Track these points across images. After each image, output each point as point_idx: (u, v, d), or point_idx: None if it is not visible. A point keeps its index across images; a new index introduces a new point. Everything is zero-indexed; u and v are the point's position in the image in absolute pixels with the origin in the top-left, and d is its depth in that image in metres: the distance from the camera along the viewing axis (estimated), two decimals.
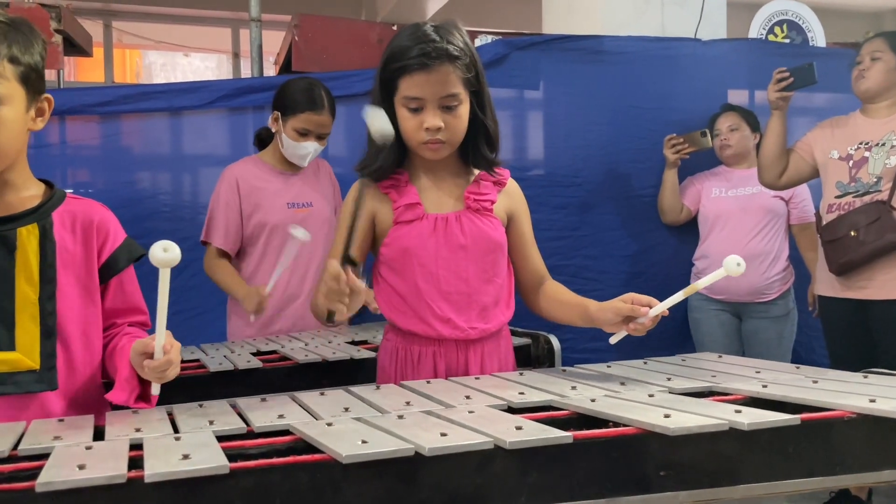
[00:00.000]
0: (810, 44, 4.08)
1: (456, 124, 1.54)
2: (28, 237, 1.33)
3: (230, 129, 3.19)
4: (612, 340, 1.54)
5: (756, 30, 4.07)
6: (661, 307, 1.47)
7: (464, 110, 1.54)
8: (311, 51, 3.33)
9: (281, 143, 2.59)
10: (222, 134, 3.20)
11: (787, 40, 4.06)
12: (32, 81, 1.32)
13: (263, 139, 2.76)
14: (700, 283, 1.52)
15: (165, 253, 1.13)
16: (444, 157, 1.58)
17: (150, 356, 1.23)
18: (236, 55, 5.37)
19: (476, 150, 1.61)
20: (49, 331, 1.32)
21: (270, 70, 4.86)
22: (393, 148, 1.55)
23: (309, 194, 2.64)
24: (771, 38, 4.07)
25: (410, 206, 1.58)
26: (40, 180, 1.42)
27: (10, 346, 1.29)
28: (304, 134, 2.53)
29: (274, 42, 4.15)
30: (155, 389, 1.29)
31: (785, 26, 4.10)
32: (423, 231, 1.58)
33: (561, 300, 1.66)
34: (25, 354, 1.31)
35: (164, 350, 1.23)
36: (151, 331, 1.35)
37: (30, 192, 1.38)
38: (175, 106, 3.07)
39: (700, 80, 3.37)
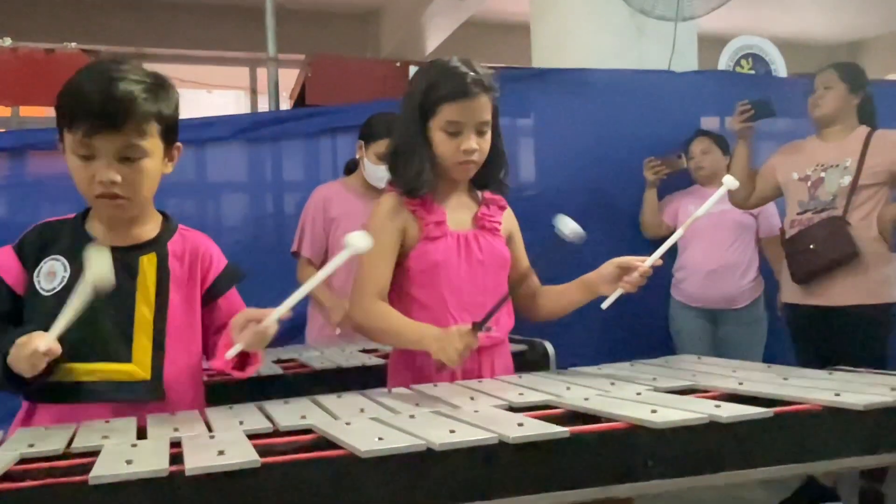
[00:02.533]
0: (773, 74, 4.12)
1: (485, 147, 1.58)
2: (147, 265, 1.37)
3: (249, 159, 3.21)
4: (605, 305, 1.55)
5: (724, 62, 4.11)
6: (656, 255, 1.52)
7: (490, 135, 1.58)
8: (323, 86, 3.37)
9: (363, 167, 2.65)
10: (242, 164, 3.22)
11: (753, 71, 4.10)
12: (169, 133, 1.37)
13: (350, 168, 2.84)
14: (698, 213, 1.57)
15: (365, 241, 1.26)
16: (470, 177, 1.61)
17: (257, 321, 1.25)
18: (254, 91, 5.42)
19: (490, 173, 1.64)
20: (160, 345, 1.35)
21: (285, 104, 4.89)
22: (431, 169, 1.57)
23: None
24: (738, 69, 4.11)
25: (438, 224, 1.60)
26: (159, 212, 1.45)
27: (128, 358, 1.32)
28: (383, 159, 2.57)
29: (289, 78, 4.18)
30: (231, 352, 1.29)
31: (750, 59, 4.15)
32: (449, 247, 1.59)
33: (559, 290, 1.71)
34: (139, 366, 1.33)
35: (279, 319, 1.25)
36: None
37: (150, 225, 1.42)
38: (199, 138, 3.09)
39: (675, 108, 3.40)
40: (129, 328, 1.34)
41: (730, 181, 1.63)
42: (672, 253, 3.28)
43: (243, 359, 1.34)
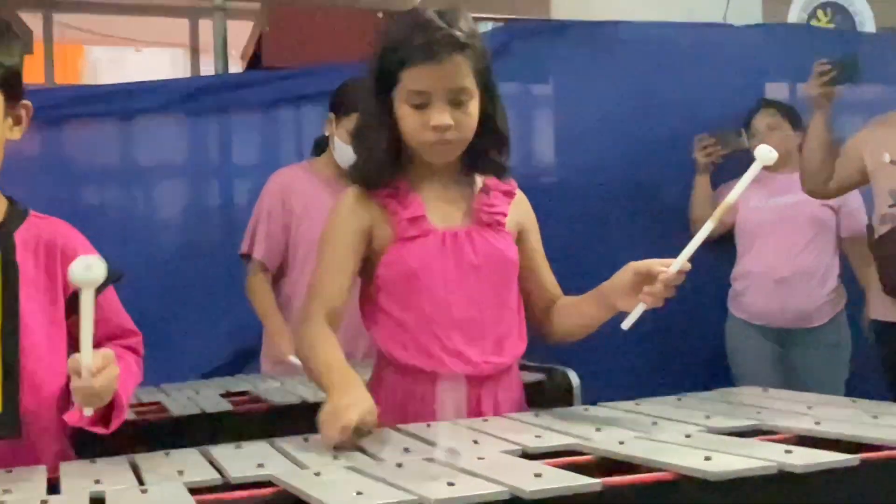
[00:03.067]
0: (858, 28, 4.14)
1: (466, 122, 1.56)
2: None
3: (189, 135, 3.21)
4: (626, 324, 1.53)
5: (796, 14, 4.13)
6: (683, 257, 1.49)
7: (474, 106, 1.57)
8: (284, 43, 3.37)
9: (333, 147, 2.66)
10: (180, 141, 3.22)
11: (832, 25, 4.12)
12: (12, 86, 1.35)
13: (321, 147, 2.83)
14: (729, 199, 1.53)
15: (88, 271, 1.13)
16: (451, 159, 1.60)
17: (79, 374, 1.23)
18: (195, 50, 5.40)
19: (483, 153, 1.63)
20: (9, 370, 1.33)
21: (235, 66, 4.89)
22: (389, 149, 1.57)
23: None
24: (813, 23, 4.12)
25: (415, 220, 1.59)
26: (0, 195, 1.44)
27: None
28: None
29: (239, 34, 4.18)
30: (87, 412, 1.28)
31: (829, 10, 4.16)
32: (430, 249, 1.59)
33: (571, 301, 1.70)
34: None
35: (90, 371, 1.22)
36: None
37: None
38: (125, 109, 3.09)
39: (733, 71, 3.41)
40: None
41: (764, 153, 1.52)
42: (730, 258, 3.29)
43: (108, 410, 1.32)
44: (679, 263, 1.48)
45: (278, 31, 3.38)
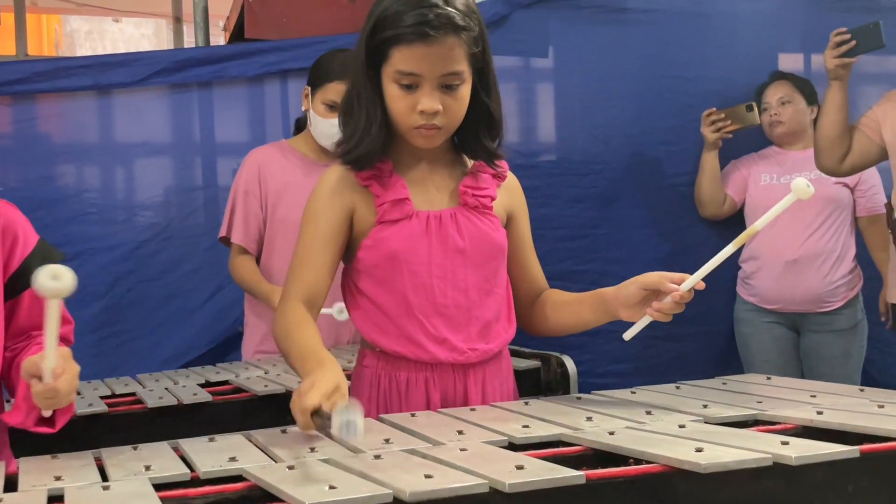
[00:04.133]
0: None
1: (455, 108, 1.55)
2: None
3: (171, 110, 3.20)
4: (628, 335, 1.55)
5: None
6: (697, 276, 1.49)
7: (465, 91, 1.55)
8: (269, 14, 3.35)
9: (310, 121, 2.66)
10: (162, 117, 3.21)
11: None
12: None
13: (301, 125, 2.82)
14: (757, 225, 1.50)
15: (56, 281, 1.11)
16: (438, 144, 1.59)
17: (40, 378, 1.24)
18: (177, 20, 5.36)
19: (475, 137, 1.63)
20: None
21: (219, 38, 4.88)
22: (381, 129, 1.57)
23: None
24: None
25: (397, 203, 1.59)
26: None
27: None
28: (332, 108, 2.56)
29: (223, 4, 4.16)
30: (46, 413, 1.30)
31: None
32: (414, 232, 1.59)
33: (566, 300, 1.70)
34: None
35: (54, 374, 1.23)
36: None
37: None
38: (104, 83, 3.08)
39: (744, 42, 3.40)
40: None
41: (801, 187, 1.46)
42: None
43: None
44: (692, 282, 1.49)
45: (262, 1, 3.36)
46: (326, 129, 2.58)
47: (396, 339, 1.59)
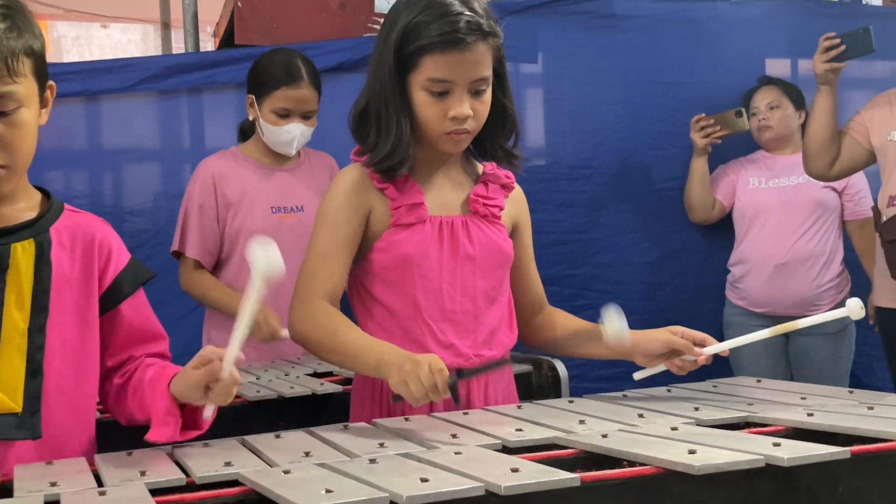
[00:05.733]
0: (864, 2, 4.14)
1: (482, 111, 1.58)
2: (23, 255, 1.36)
3: (160, 116, 3.20)
4: (639, 376, 1.60)
5: None
6: (725, 346, 1.56)
7: (489, 94, 1.59)
8: (258, 19, 3.35)
9: (261, 130, 2.63)
10: (151, 123, 3.21)
11: None
12: (41, 70, 1.37)
13: (246, 132, 2.80)
14: (799, 323, 1.59)
15: (269, 260, 1.21)
16: (464, 148, 1.62)
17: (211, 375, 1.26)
18: (166, 25, 5.36)
19: (491, 138, 1.65)
20: (36, 368, 1.35)
21: (209, 44, 4.88)
22: (411, 138, 1.58)
23: (300, 195, 2.66)
24: None
25: (413, 207, 1.61)
26: (36, 188, 1.45)
27: None
28: (283, 115, 2.56)
29: (212, 9, 4.17)
30: (208, 412, 1.32)
31: None
32: (427, 237, 1.61)
33: (579, 331, 1.72)
34: (7, 394, 1.33)
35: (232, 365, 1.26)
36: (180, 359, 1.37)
37: (26, 203, 1.41)
38: (91, 89, 3.08)
39: (732, 48, 3.42)
40: None
41: (856, 308, 1.51)
42: (726, 242, 3.31)
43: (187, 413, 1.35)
44: (717, 349, 1.55)
45: (252, 6, 3.36)
46: (280, 136, 2.59)
47: (403, 342, 1.59)
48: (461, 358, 1.60)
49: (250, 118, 2.67)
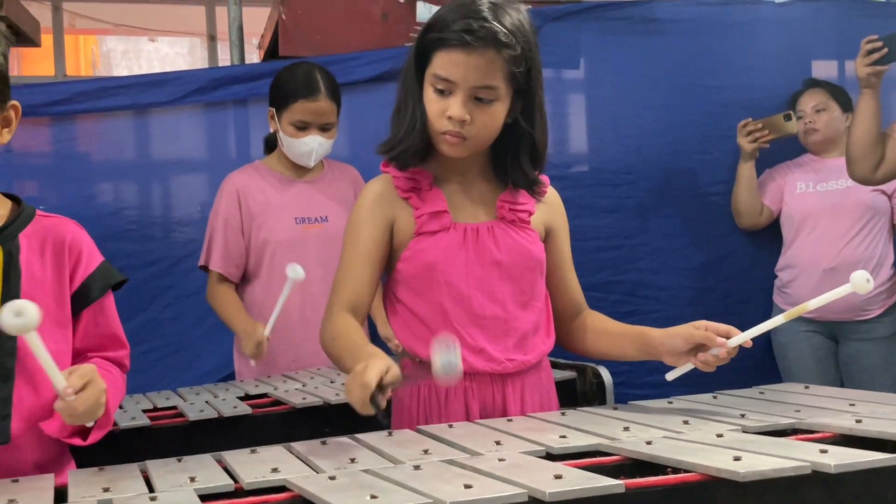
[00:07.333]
0: None
1: (484, 121, 1.56)
2: None
3: (207, 128, 3.25)
4: (671, 376, 1.58)
5: None
6: (746, 336, 1.50)
7: (498, 108, 1.56)
8: (302, 31, 3.39)
9: (281, 142, 2.66)
10: (198, 135, 3.26)
11: None
12: None
13: (272, 144, 2.83)
14: (809, 304, 1.51)
15: (19, 318, 1.14)
16: (463, 156, 1.61)
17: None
18: (212, 38, 5.45)
19: (516, 163, 1.64)
20: (7, 374, 1.37)
21: (254, 56, 4.93)
22: (423, 129, 1.59)
23: (324, 206, 2.70)
24: None
25: (436, 215, 1.62)
26: (4, 195, 1.47)
27: None
28: (302, 128, 2.59)
29: (257, 22, 4.22)
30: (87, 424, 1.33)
31: None
32: (451, 243, 1.62)
33: (609, 330, 1.71)
34: None
35: (65, 393, 1.25)
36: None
37: None
38: (140, 103, 3.13)
39: (777, 50, 3.39)
40: None
41: (860, 281, 1.41)
42: (773, 246, 3.27)
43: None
44: (740, 340, 1.51)
45: (295, 18, 3.40)
46: (299, 147, 2.61)
47: None
48: (493, 362, 1.61)
49: (272, 130, 2.70)
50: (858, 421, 1.33)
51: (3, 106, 1.41)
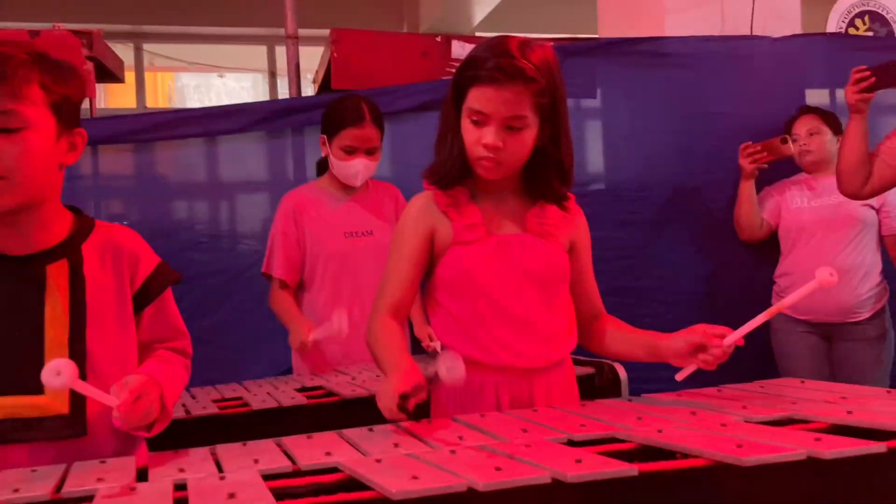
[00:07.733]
0: None
1: (515, 148, 1.57)
2: (57, 275, 1.39)
3: (268, 153, 3.28)
4: (680, 377, 1.57)
5: (835, 23, 4.04)
6: (737, 334, 1.50)
7: (528, 135, 1.57)
8: (351, 67, 3.42)
9: (332, 165, 2.69)
10: (260, 159, 3.30)
11: (871, 33, 4.02)
12: (65, 112, 1.38)
13: (324, 167, 2.84)
14: (785, 302, 1.53)
15: (58, 378, 1.16)
16: (498, 178, 1.61)
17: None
18: (273, 74, 5.51)
19: (546, 182, 1.65)
20: (80, 375, 1.38)
21: (309, 89, 4.98)
22: (461, 155, 1.60)
23: (369, 221, 2.72)
24: (852, 31, 4.03)
25: (471, 227, 1.63)
26: (66, 207, 1.47)
27: (39, 389, 1.31)
28: (350, 152, 2.61)
29: (312, 59, 4.26)
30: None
31: (867, 18, 4.06)
32: (485, 252, 1.62)
33: (623, 334, 1.71)
34: (54, 398, 1.36)
35: (119, 410, 1.25)
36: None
37: (58, 227, 1.43)
38: (210, 131, 3.17)
39: (774, 80, 3.36)
40: (39, 354, 1.35)
41: (825, 276, 1.51)
42: (774, 256, 3.24)
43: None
44: (733, 339, 1.50)
45: (346, 55, 3.43)
46: (347, 169, 2.63)
47: (469, 345, 1.61)
48: (521, 358, 1.61)
49: (323, 154, 2.72)
50: (849, 412, 1.32)
51: (71, 131, 1.41)
